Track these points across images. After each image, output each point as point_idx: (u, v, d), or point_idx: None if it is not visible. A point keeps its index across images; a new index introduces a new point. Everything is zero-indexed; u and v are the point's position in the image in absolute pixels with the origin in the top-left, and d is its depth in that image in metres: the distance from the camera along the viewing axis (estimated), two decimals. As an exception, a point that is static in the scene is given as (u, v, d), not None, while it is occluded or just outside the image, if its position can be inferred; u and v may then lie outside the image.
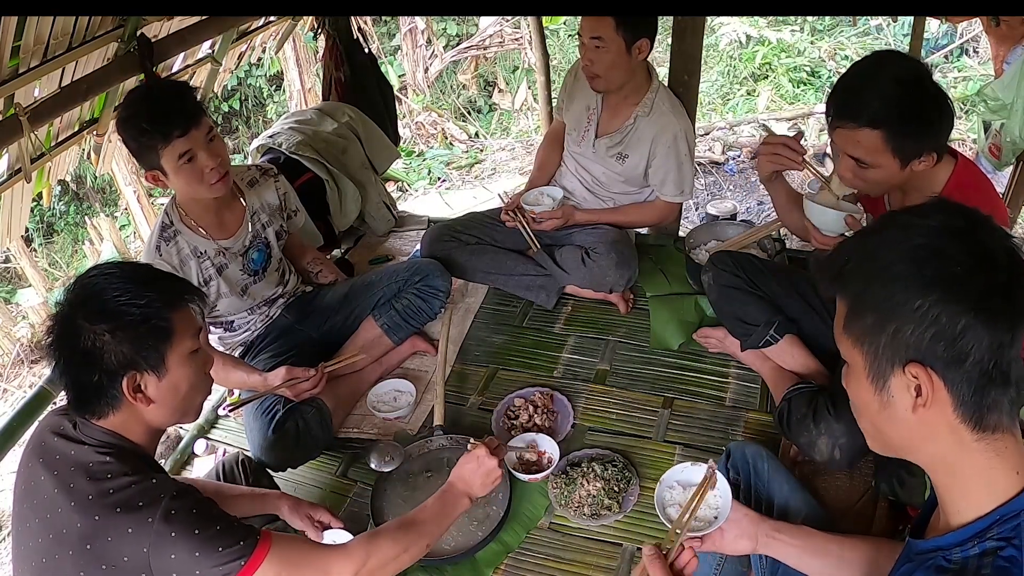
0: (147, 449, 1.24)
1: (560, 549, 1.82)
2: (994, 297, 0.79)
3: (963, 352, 0.79)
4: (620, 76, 2.29)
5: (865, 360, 0.87)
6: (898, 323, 0.82)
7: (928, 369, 0.81)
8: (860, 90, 1.47)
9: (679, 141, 2.39)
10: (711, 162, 4.97)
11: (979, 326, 0.79)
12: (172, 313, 1.19)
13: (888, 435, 0.90)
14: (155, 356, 1.17)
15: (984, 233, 0.82)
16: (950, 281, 0.80)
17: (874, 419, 0.90)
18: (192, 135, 1.78)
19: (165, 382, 1.19)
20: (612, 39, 2.18)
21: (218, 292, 2.06)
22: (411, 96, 6.84)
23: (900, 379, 0.83)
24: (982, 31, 4.94)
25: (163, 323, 1.17)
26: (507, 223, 2.58)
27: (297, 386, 1.97)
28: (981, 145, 3.06)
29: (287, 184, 2.25)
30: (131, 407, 1.18)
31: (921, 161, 1.47)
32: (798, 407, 1.83)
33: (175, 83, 2.21)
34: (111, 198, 6.83)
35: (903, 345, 0.82)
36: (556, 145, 2.70)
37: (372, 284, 2.35)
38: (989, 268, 0.80)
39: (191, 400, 1.26)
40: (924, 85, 1.43)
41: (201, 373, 1.27)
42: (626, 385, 2.28)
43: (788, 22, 6.76)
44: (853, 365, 0.90)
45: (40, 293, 5.18)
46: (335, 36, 3.29)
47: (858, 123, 1.45)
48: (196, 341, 1.24)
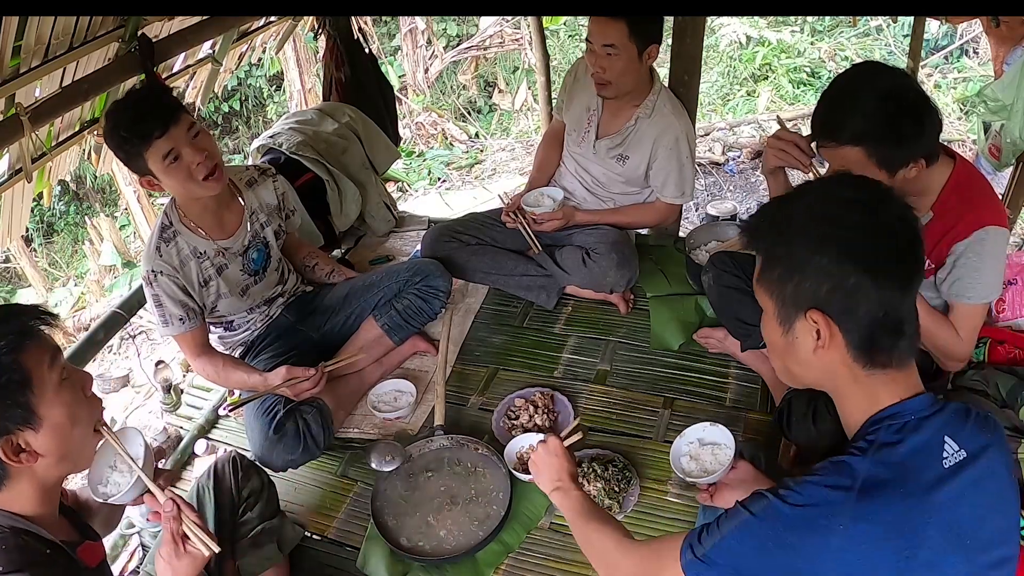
0: (41, 521, 1.11)
1: (560, 549, 1.82)
2: (884, 260, 0.95)
3: (855, 304, 0.95)
4: (630, 82, 2.29)
5: (775, 306, 1.03)
6: (800, 276, 0.98)
7: (826, 316, 0.96)
8: (838, 110, 1.50)
9: (680, 143, 2.39)
10: (711, 162, 4.97)
11: (868, 283, 0.94)
12: (19, 356, 1.03)
13: (795, 370, 1.06)
14: (23, 412, 1.03)
15: (884, 205, 0.98)
16: (845, 243, 0.95)
17: (783, 357, 1.07)
18: (172, 134, 1.77)
19: (44, 430, 1.05)
20: (625, 46, 2.17)
21: (218, 292, 2.06)
22: (411, 96, 6.84)
23: (803, 323, 0.99)
24: (982, 31, 4.94)
25: (16, 372, 1.02)
26: (507, 224, 2.58)
27: (297, 386, 1.97)
28: (981, 146, 3.06)
29: (285, 183, 2.25)
30: (18, 472, 1.06)
31: (910, 168, 1.48)
32: (798, 407, 1.83)
33: (151, 87, 2.20)
34: (111, 198, 6.83)
35: (805, 294, 0.97)
36: (555, 145, 2.70)
37: (373, 284, 2.36)
38: (883, 235, 0.96)
39: (80, 439, 1.12)
40: (902, 97, 1.44)
41: (78, 399, 1.12)
42: (626, 385, 2.28)
43: (788, 23, 6.77)
44: (766, 310, 1.06)
45: (40, 293, 5.18)
46: (335, 36, 3.29)
47: (838, 142, 1.48)
48: (57, 369, 1.08)
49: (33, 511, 1.11)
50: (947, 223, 1.60)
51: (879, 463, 0.92)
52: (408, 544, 1.83)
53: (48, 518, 1.14)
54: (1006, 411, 1.80)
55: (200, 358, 2.04)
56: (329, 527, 1.96)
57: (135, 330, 3.23)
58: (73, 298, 5.03)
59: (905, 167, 1.48)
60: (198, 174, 1.83)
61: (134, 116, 1.77)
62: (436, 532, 1.85)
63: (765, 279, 1.04)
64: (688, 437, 1.61)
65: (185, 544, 1.19)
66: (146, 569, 1.52)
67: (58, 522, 1.18)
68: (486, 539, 1.80)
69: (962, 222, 1.57)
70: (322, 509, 2.01)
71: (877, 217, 0.96)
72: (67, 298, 5.07)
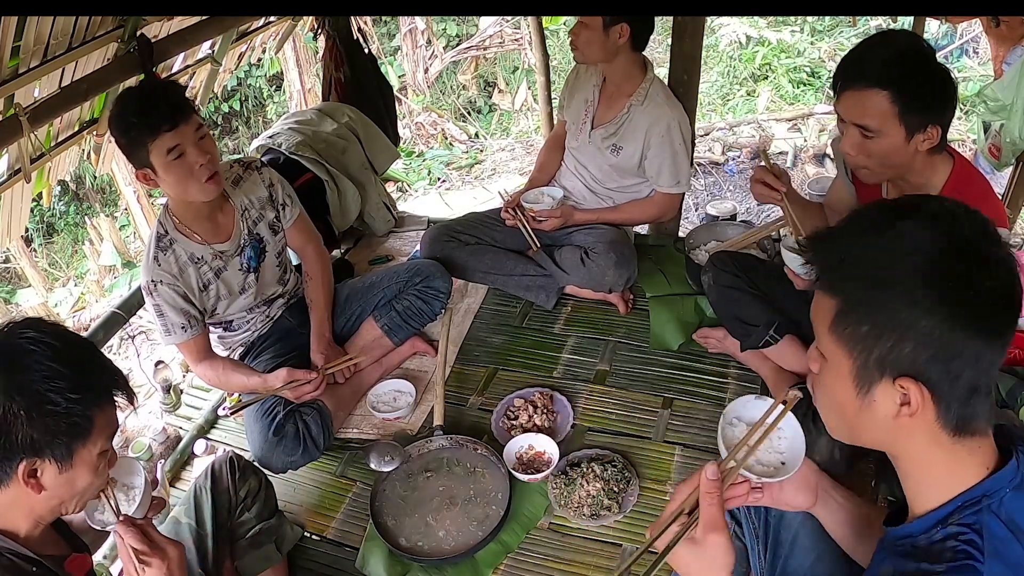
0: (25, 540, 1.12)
1: (560, 549, 1.82)
2: (995, 316, 0.79)
3: (958, 371, 0.79)
4: (596, 53, 2.33)
5: (853, 365, 0.84)
6: (898, 338, 0.80)
7: (919, 384, 0.80)
8: (868, 55, 1.50)
9: (672, 130, 2.40)
10: (711, 162, 4.97)
11: (980, 346, 0.78)
12: (96, 412, 1.10)
13: (859, 431, 0.90)
14: (64, 451, 1.07)
15: (987, 244, 0.80)
16: (956, 303, 0.77)
17: (848, 417, 0.89)
18: (181, 130, 1.76)
19: (65, 475, 1.09)
20: (591, 20, 2.25)
21: (217, 295, 2.06)
22: (411, 96, 6.84)
23: (887, 388, 0.82)
24: (982, 31, 4.94)
25: (84, 422, 1.08)
26: (507, 221, 2.59)
27: (298, 388, 1.97)
28: (981, 145, 3.06)
29: (273, 174, 2.18)
30: (17, 489, 1.07)
31: (925, 136, 1.47)
32: (797, 407, 1.83)
33: (165, 81, 2.18)
34: (111, 198, 6.83)
35: (900, 359, 0.80)
36: (557, 147, 2.71)
37: (373, 285, 2.35)
38: (991, 286, 0.78)
39: (82, 495, 1.16)
40: (929, 56, 1.46)
41: (101, 472, 1.16)
42: (626, 385, 2.28)
43: (788, 22, 6.77)
44: (835, 364, 0.87)
45: (40, 293, 5.18)
46: (335, 36, 3.29)
47: (866, 83, 1.46)
48: (108, 442, 1.15)
49: (23, 531, 1.12)
50: None
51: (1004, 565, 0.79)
52: (407, 544, 1.83)
53: (37, 535, 1.15)
54: (1006, 411, 1.80)
55: (202, 363, 2.04)
56: (328, 527, 1.96)
57: (135, 330, 3.23)
58: (73, 298, 5.04)
59: (923, 130, 1.46)
60: (200, 175, 1.82)
61: (146, 105, 1.75)
62: (435, 532, 1.85)
63: (843, 331, 0.84)
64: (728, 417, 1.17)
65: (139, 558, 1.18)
66: None
67: (47, 536, 1.19)
68: (485, 539, 1.80)
69: None
70: (321, 509, 2.01)
71: (985, 261, 0.79)
72: (67, 298, 5.07)
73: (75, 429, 1.07)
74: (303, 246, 2.28)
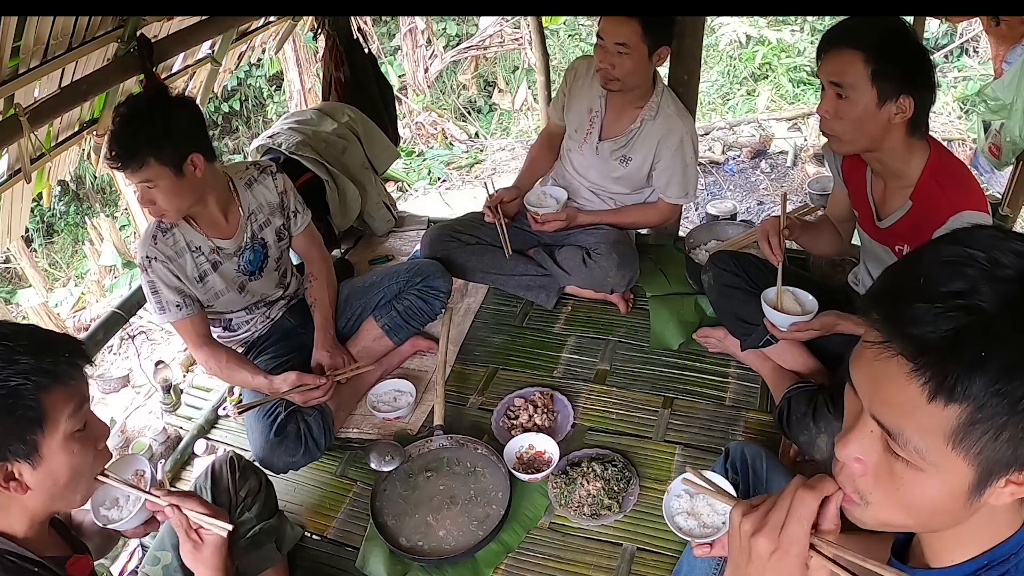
0: (24, 542, 1.09)
1: (560, 549, 1.82)
2: None
3: None
4: (637, 80, 2.29)
5: (975, 475, 0.68)
6: (1012, 430, 0.64)
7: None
8: (850, 23, 1.60)
9: (685, 144, 2.39)
10: (711, 162, 4.97)
11: None
12: (42, 396, 1.00)
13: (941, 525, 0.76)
14: (24, 447, 1.00)
15: None
16: None
17: (939, 518, 0.74)
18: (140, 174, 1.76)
19: (41, 469, 1.03)
20: (637, 46, 2.18)
21: (215, 289, 2.05)
22: (411, 96, 6.84)
23: (998, 488, 0.69)
24: (982, 31, 4.94)
25: (31, 412, 1.00)
26: (486, 217, 2.56)
27: (307, 393, 1.96)
28: (981, 145, 3.06)
29: (287, 181, 2.19)
30: (3, 493, 1.03)
31: (896, 107, 1.51)
32: (798, 406, 1.83)
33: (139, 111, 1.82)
34: (111, 198, 6.83)
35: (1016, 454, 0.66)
36: (551, 147, 2.68)
37: (373, 285, 2.35)
38: None
39: (75, 485, 1.09)
40: (908, 32, 1.54)
41: (87, 454, 1.09)
42: (626, 385, 2.28)
43: (788, 22, 6.76)
44: (946, 474, 0.69)
45: (40, 293, 5.18)
46: (335, 36, 3.28)
47: (844, 44, 1.54)
48: (77, 419, 1.05)
49: (21, 532, 1.10)
50: (926, 209, 1.59)
51: None
52: (407, 544, 1.83)
53: (37, 536, 1.13)
54: None
55: (203, 348, 2.01)
56: (328, 527, 1.96)
57: (135, 330, 3.23)
58: (73, 298, 5.03)
59: (895, 99, 1.50)
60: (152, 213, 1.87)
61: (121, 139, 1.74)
62: (435, 532, 1.85)
63: (973, 440, 0.65)
64: (675, 491, 1.36)
65: (200, 533, 1.19)
66: (144, 570, 1.52)
67: (47, 537, 1.17)
68: (485, 539, 1.80)
69: (939, 208, 1.56)
70: (321, 509, 2.01)
71: None
72: (67, 298, 5.06)
73: (24, 422, 1.00)
74: (308, 250, 2.29)
